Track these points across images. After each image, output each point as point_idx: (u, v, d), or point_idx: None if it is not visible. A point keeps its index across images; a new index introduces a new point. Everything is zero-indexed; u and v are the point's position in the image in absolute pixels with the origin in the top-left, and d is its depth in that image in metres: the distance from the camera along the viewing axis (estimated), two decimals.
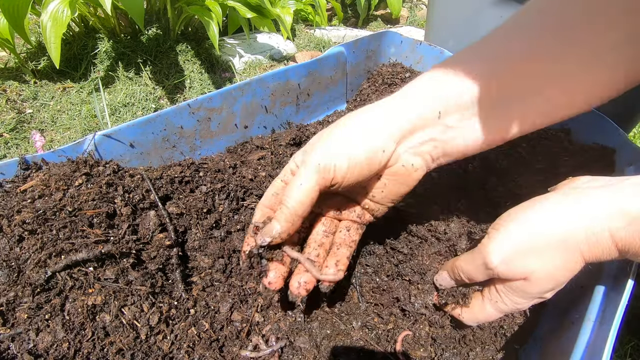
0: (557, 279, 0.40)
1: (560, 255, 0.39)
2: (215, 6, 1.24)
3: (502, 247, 0.40)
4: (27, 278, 0.41)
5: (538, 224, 0.40)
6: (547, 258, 0.39)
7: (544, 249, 0.39)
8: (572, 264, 0.39)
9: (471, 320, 0.47)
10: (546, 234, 0.39)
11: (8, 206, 0.45)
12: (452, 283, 0.48)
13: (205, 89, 1.30)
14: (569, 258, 0.39)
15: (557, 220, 0.39)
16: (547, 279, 0.40)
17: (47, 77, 1.24)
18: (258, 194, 0.64)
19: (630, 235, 0.36)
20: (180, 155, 0.72)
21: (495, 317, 0.45)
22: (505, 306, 0.43)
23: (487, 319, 0.46)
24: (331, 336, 0.51)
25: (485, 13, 0.84)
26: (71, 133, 1.07)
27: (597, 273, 0.47)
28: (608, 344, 0.37)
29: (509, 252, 0.40)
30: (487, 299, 0.45)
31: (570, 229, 0.38)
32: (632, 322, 0.67)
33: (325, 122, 0.92)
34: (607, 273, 0.46)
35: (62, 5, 1.00)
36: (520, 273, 0.40)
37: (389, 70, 0.89)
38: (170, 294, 0.50)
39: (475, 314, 0.46)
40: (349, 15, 2.39)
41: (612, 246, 0.37)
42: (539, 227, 0.39)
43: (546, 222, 0.39)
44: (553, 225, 0.39)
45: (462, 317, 0.47)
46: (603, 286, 0.44)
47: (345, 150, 0.41)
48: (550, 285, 0.40)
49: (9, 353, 0.38)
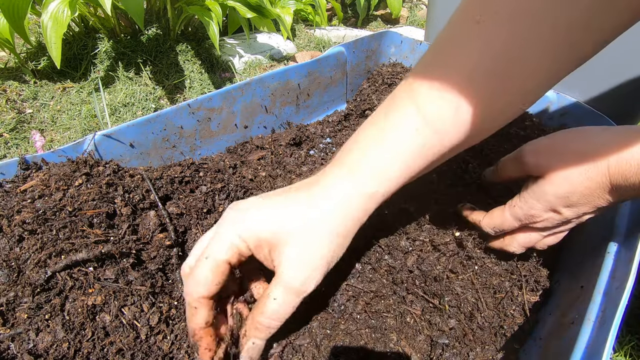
0: (574, 185, 0.41)
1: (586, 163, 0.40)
2: (215, 6, 1.24)
3: (540, 142, 0.45)
4: (27, 278, 0.41)
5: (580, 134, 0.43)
6: (571, 161, 0.41)
7: (572, 153, 0.41)
8: (594, 174, 0.39)
9: (488, 225, 0.50)
10: (581, 142, 0.41)
11: (8, 206, 0.45)
12: (493, 178, 0.55)
13: (205, 89, 1.30)
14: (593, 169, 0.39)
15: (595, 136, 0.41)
16: (564, 182, 0.41)
17: (47, 77, 1.24)
18: (258, 194, 0.64)
19: None
20: (180, 155, 0.72)
21: (510, 223, 0.47)
22: (521, 210, 0.45)
23: (502, 225, 0.48)
24: (331, 336, 0.51)
25: None
26: (71, 133, 1.07)
27: (597, 272, 0.47)
28: (608, 344, 0.37)
29: (543, 145, 0.44)
30: (507, 205, 0.48)
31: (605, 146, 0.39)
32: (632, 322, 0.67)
33: (325, 122, 0.92)
34: (607, 273, 0.46)
35: (62, 5, 1.01)
36: (544, 166, 0.43)
37: (389, 70, 0.89)
38: (170, 294, 0.50)
39: (493, 218, 0.49)
40: (349, 15, 2.39)
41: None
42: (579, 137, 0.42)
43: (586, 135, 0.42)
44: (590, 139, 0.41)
45: (481, 222, 0.51)
46: (603, 286, 0.44)
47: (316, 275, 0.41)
48: (564, 189, 0.41)
49: (9, 353, 0.38)
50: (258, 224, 0.38)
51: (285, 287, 0.38)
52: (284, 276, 0.38)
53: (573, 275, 0.54)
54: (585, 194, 0.40)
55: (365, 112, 0.85)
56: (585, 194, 0.41)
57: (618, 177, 0.38)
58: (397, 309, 0.53)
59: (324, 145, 0.84)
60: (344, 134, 0.86)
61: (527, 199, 0.45)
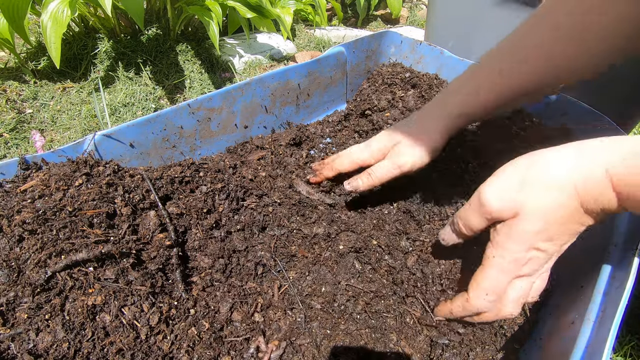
0: (548, 216, 0.39)
1: (553, 191, 0.38)
2: (215, 6, 1.24)
3: (496, 184, 0.42)
4: (27, 278, 0.41)
5: (534, 163, 0.41)
6: (538, 192, 0.39)
7: (536, 183, 0.39)
8: (565, 200, 0.38)
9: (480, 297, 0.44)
10: (541, 171, 0.39)
11: (8, 206, 0.45)
12: (454, 237, 0.49)
13: (205, 89, 1.30)
14: (562, 194, 0.38)
15: (554, 160, 0.39)
16: (538, 215, 0.39)
17: (47, 77, 1.24)
18: (258, 194, 0.64)
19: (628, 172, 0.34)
20: (180, 155, 0.72)
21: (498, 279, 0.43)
22: (503, 259, 0.42)
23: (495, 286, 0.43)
24: (331, 336, 0.51)
25: (485, 13, 0.84)
26: (71, 133, 1.07)
27: (597, 272, 0.47)
28: (608, 344, 0.37)
29: (502, 187, 0.41)
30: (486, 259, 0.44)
31: (567, 167, 0.38)
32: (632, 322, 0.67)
33: (325, 122, 0.92)
34: (607, 273, 0.46)
35: (62, 5, 1.00)
36: (511, 207, 0.40)
37: (389, 70, 0.89)
38: (170, 294, 0.50)
39: (478, 282, 0.44)
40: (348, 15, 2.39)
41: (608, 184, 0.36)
42: (535, 166, 0.40)
43: (543, 162, 0.40)
44: (550, 165, 0.39)
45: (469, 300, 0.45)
46: (603, 286, 0.44)
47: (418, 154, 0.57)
48: (540, 223, 0.39)
49: (9, 353, 0.38)
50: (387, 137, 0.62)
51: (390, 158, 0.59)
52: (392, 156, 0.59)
53: (573, 275, 0.54)
54: (562, 222, 0.39)
55: (365, 112, 0.85)
56: (561, 223, 0.39)
57: (589, 200, 0.37)
58: (397, 309, 0.53)
59: (324, 145, 0.84)
60: (344, 134, 0.86)
61: (505, 246, 0.41)
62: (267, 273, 0.57)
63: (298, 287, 0.56)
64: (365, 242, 0.60)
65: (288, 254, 0.59)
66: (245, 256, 0.57)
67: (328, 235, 0.61)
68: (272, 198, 0.64)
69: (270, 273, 0.57)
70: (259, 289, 0.55)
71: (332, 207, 0.66)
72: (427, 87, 0.82)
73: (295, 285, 0.56)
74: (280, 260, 0.58)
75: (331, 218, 0.63)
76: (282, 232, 0.61)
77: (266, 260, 0.57)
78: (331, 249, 0.60)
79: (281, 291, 0.55)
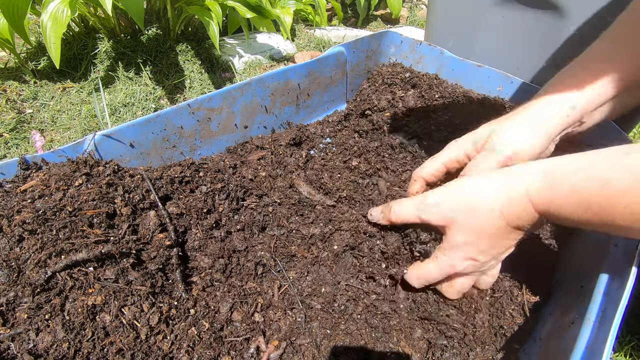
0: (477, 233, 0.44)
1: (482, 211, 0.43)
2: (215, 6, 1.24)
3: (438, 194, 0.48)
4: (27, 278, 0.41)
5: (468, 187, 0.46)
6: (470, 212, 0.44)
7: (469, 203, 0.44)
8: (491, 220, 0.43)
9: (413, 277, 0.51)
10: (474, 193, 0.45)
11: (8, 206, 0.45)
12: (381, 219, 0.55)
13: (205, 89, 1.30)
14: (489, 215, 0.43)
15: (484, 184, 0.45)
16: (467, 231, 0.45)
17: (47, 77, 1.24)
18: (258, 194, 0.64)
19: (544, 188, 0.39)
20: (180, 155, 0.72)
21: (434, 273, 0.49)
22: (444, 262, 0.48)
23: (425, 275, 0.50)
24: (331, 336, 0.51)
25: (486, 13, 0.84)
26: (71, 133, 1.07)
27: (597, 273, 0.47)
28: (608, 344, 0.37)
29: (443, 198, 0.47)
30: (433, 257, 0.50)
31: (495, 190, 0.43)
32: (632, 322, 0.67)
33: (325, 122, 0.92)
34: (607, 273, 0.46)
35: (62, 5, 1.01)
36: (443, 218, 0.46)
37: (389, 70, 0.89)
38: (170, 294, 0.50)
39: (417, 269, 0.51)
40: (349, 15, 2.39)
41: (528, 202, 0.41)
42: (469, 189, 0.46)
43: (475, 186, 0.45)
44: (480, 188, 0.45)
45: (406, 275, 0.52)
46: (603, 286, 0.44)
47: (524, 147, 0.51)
48: (470, 237, 0.45)
49: (9, 353, 0.38)
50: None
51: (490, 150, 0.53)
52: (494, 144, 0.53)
53: (573, 275, 0.54)
54: (492, 238, 0.44)
55: (365, 112, 0.85)
56: (491, 238, 0.44)
57: (513, 219, 0.42)
58: (397, 309, 0.53)
59: (324, 145, 0.84)
60: (344, 134, 0.86)
61: (446, 251, 0.47)
62: (267, 273, 0.57)
63: (298, 287, 0.56)
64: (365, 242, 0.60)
65: (288, 254, 0.59)
66: (245, 256, 0.57)
67: (324, 235, 0.61)
68: (272, 198, 0.64)
69: (270, 273, 0.57)
70: (259, 289, 0.55)
71: (333, 207, 0.66)
72: (427, 87, 0.82)
73: (295, 285, 0.56)
74: (280, 260, 0.58)
75: (329, 218, 0.63)
76: (282, 232, 0.61)
77: (266, 260, 0.57)
78: (328, 249, 0.60)
79: (281, 291, 0.55)
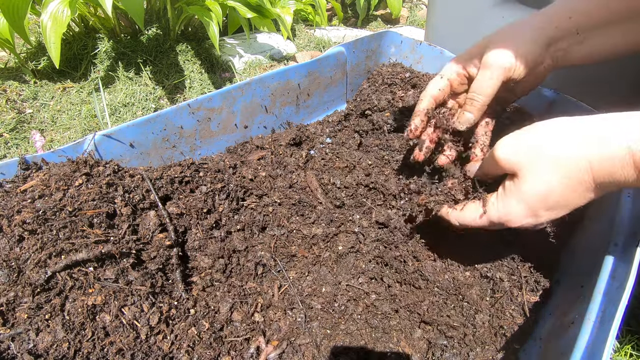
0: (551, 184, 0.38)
1: (565, 161, 0.37)
2: (215, 6, 1.24)
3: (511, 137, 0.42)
4: (27, 278, 0.41)
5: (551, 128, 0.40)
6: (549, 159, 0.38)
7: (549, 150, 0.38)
8: (575, 172, 0.37)
9: (456, 219, 0.47)
10: (555, 137, 0.38)
11: (8, 206, 0.45)
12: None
13: (205, 89, 1.30)
14: (574, 166, 0.37)
15: (571, 131, 0.38)
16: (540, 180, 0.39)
17: (47, 77, 1.24)
18: (258, 194, 0.64)
19: None
20: (180, 155, 0.72)
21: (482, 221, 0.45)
22: (497, 212, 0.43)
23: (472, 221, 0.46)
24: (331, 336, 0.51)
25: (485, 13, 0.84)
26: (71, 133, 1.07)
27: (597, 273, 0.47)
28: (608, 344, 0.37)
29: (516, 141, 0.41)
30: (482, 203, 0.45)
31: (583, 141, 0.36)
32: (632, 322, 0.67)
33: (325, 122, 0.92)
34: (607, 273, 0.46)
35: (62, 5, 1.00)
36: (515, 163, 0.40)
37: (389, 70, 0.89)
38: (170, 294, 0.50)
39: (464, 213, 0.47)
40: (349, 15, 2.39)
41: (629, 160, 0.34)
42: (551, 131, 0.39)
43: (559, 128, 0.39)
44: (564, 136, 0.38)
45: (449, 215, 0.48)
46: (603, 286, 0.44)
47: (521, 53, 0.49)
48: (542, 187, 0.39)
49: (9, 353, 0.38)
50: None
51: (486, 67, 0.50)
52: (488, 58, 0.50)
53: (573, 275, 0.54)
54: (565, 193, 0.38)
55: (365, 112, 0.85)
56: (564, 194, 0.38)
57: (604, 176, 0.36)
58: (397, 309, 0.53)
59: (324, 145, 0.84)
60: (344, 134, 0.86)
61: (505, 199, 0.42)
62: (267, 273, 0.57)
63: (298, 287, 0.56)
64: (365, 242, 0.60)
65: (288, 254, 0.59)
66: (245, 256, 0.57)
67: (327, 236, 0.61)
68: (272, 198, 0.64)
69: (270, 273, 0.57)
70: (259, 289, 0.55)
71: (336, 208, 0.66)
72: None
73: (296, 285, 0.56)
74: (280, 260, 0.58)
75: (330, 218, 0.63)
76: (282, 232, 0.61)
77: (266, 260, 0.57)
78: (330, 249, 0.60)
79: (281, 291, 0.55)
